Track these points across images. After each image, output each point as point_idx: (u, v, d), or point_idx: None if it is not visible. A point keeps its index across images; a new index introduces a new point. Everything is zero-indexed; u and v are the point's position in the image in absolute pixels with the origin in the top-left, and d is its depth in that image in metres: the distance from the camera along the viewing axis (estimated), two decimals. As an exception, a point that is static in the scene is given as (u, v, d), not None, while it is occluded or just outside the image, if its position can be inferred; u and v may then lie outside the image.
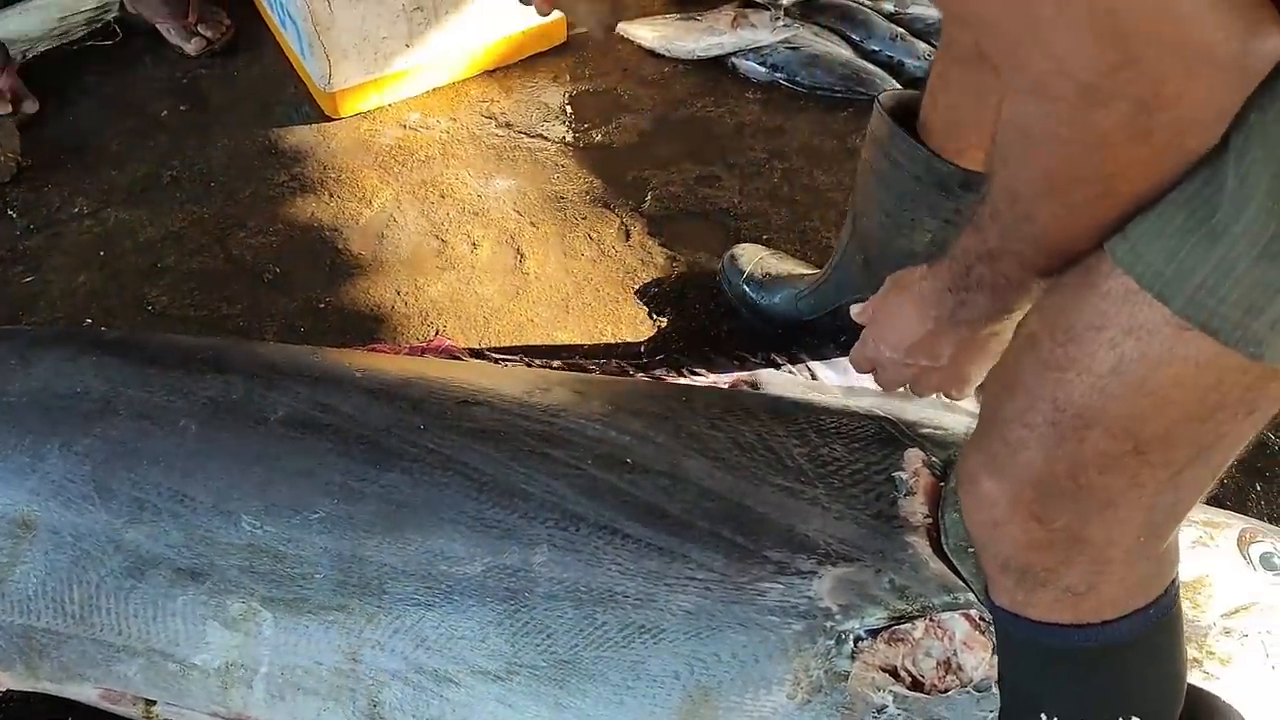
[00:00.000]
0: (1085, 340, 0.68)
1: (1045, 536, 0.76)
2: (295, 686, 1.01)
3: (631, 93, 2.06)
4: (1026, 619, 0.81)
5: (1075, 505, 0.74)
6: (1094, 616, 0.79)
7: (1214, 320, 0.62)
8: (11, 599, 1.06)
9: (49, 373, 1.19)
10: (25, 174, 1.89)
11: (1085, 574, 0.77)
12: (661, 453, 1.09)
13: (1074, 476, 0.73)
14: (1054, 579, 0.78)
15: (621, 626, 0.97)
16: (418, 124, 1.98)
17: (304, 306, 1.66)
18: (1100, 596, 0.78)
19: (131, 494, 1.07)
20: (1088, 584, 0.77)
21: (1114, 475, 0.72)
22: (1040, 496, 0.75)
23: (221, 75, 2.12)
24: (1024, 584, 0.80)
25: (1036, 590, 0.80)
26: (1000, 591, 0.84)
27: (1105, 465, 0.72)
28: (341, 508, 1.04)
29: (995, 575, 0.83)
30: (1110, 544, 0.76)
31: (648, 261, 1.72)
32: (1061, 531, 0.76)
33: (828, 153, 1.92)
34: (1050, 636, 0.81)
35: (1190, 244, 0.62)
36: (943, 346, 0.96)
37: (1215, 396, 0.67)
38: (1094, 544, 0.76)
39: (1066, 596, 0.78)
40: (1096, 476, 0.72)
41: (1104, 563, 0.76)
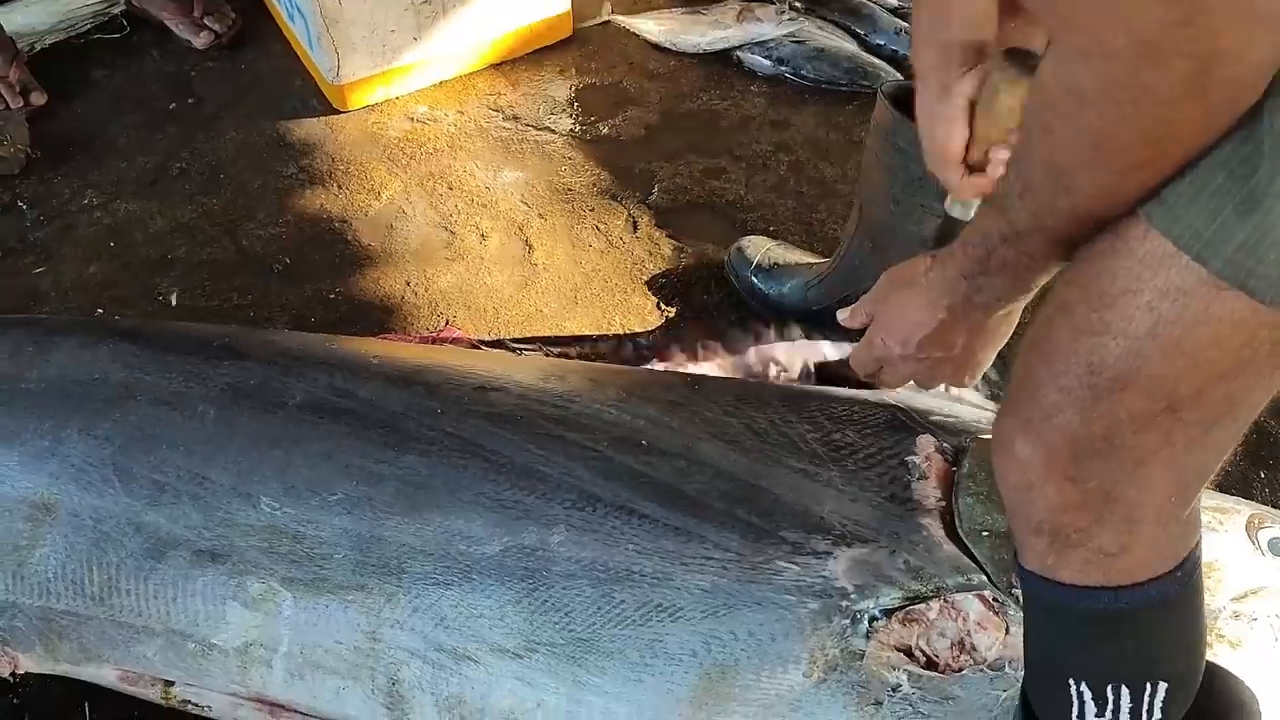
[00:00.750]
0: (1121, 304, 0.69)
1: (1079, 497, 0.77)
2: (315, 665, 1.02)
3: (638, 86, 2.07)
4: (1057, 581, 0.81)
5: (1109, 465, 0.75)
6: (1125, 578, 0.79)
7: (1252, 279, 0.64)
8: (31, 581, 1.07)
9: (67, 359, 1.20)
10: (35, 166, 1.90)
11: (1117, 534, 0.77)
12: (677, 436, 1.10)
13: (1109, 437, 0.74)
14: (1086, 540, 0.78)
15: (639, 605, 0.98)
16: (426, 117, 1.99)
17: (314, 297, 1.67)
18: (1132, 557, 0.78)
19: (151, 477, 1.08)
20: (1120, 544, 0.78)
21: (1148, 434, 0.73)
22: (1075, 457, 0.76)
23: (229, 68, 2.13)
24: (1055, 545, 0.80)
25: (1068, 552, 0.80)
26: (1031, 555, 0.83)
27: (1140, 425, 0.73)
28: (360, 489, 1.05)
29: (1026, 538, 0.83)
30: (1142, 504, 0.77)
31: (655, 253, 1.73)
32: (1095, 492, 0.76)
33: (833, 145, 1.93)
34: (1081, 599, 0.81)
35: (1231, 205, 0.63)
36: (956, 335, 0.96)
37: (1247, 353, 0.68)
38: (1126, 503, 0.76)
39: (1098, 557, 0.79)
40: (1131, 436, 0.73)
41: (1135, 522, 0.77)
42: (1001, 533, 1.03)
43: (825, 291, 1.53)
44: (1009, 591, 0.99)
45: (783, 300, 1.58)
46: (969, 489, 1.07)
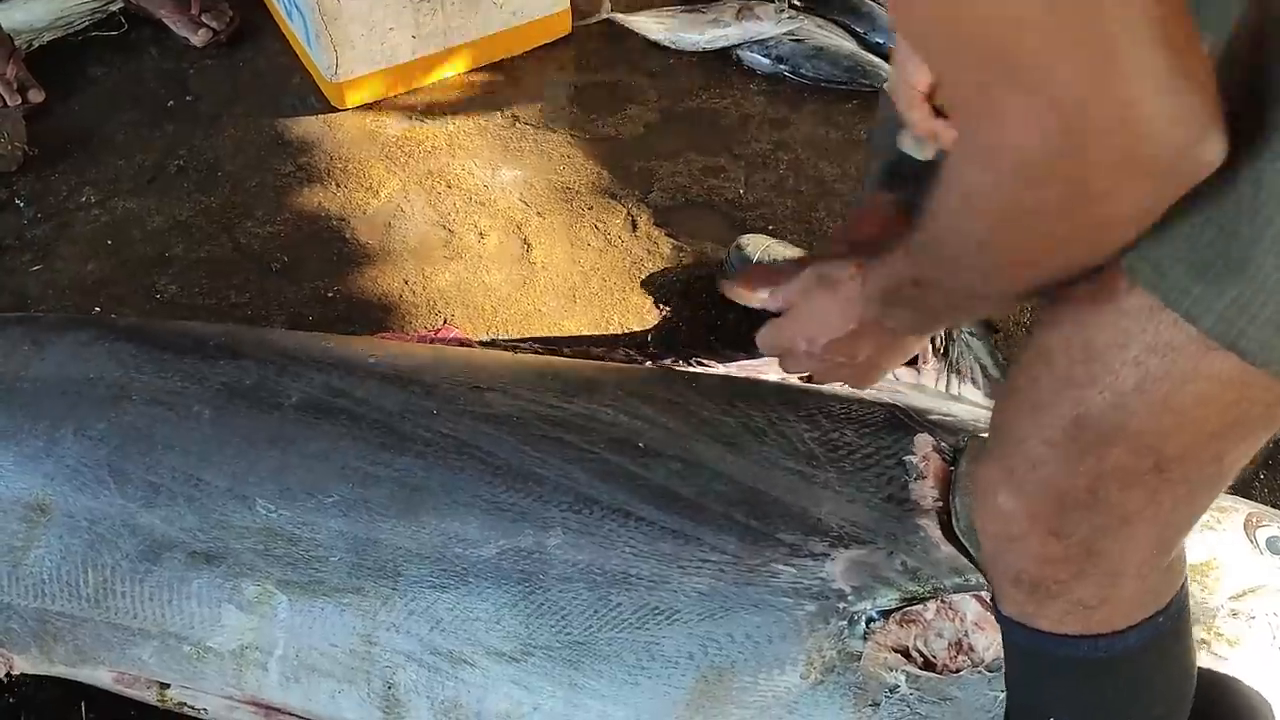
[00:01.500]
0: (1107, 358, 0.68)
1: (1061, 550, 0.76)
2: (310, 669, 1.01)
3: (637, 84, 2.06)
4: (1035, 629, 0.81)
5: (1092, 520, 0.74)
6: (1104, 628, 0.79)
7: (1242, 340, 0.61)
8: (26, 583, 1.07)
9: (63, 358, 1.19)
10: (32, 163, 1.89)
11: (1098, 587, 0.77)
12: (673, 437, 1.10)
13: (1093, 491, 0.72)
14: (1066, 592, 0.78)
15: (636, 608, 0.98)
16: (424, 114, 1.98)
17: (312, 295, 1.67)
18: (1111, 608, 0.78)
19: (146, 478, 1.08)
20: (1100, 597, 0.77)
21: (1134, 491, 0.72)
22: (1058, 512, 0.75)
23: (227, 66, 2.12)
24: (1035, 596, 0.80)
25: (1047, 602, 0.80)
26: (1009, 603, 0.83)
27: (1126, 482, 0.71)
28: (356, 491, 1.05)
29: (1005, 588, 0.83)
30: (1125, 558, 0.76)
31: (654, 251, 1.73)
32: (1078, 545, 0.75)
33: (832, 144, 1.93)
34: (1059, 647, 0.81)
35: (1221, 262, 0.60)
36: (861, 347, 0.93)
37: (1236, 413, 0.66)
38: (1108, 558, 0.75)
39: (1078, 609, 0.78)
40: (1116, 492, 0.72)
41: (1117, 576, 0.76)
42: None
43: None
44: (1007, 594, 0.99)
45: None
46: (967, 488, 1.06)
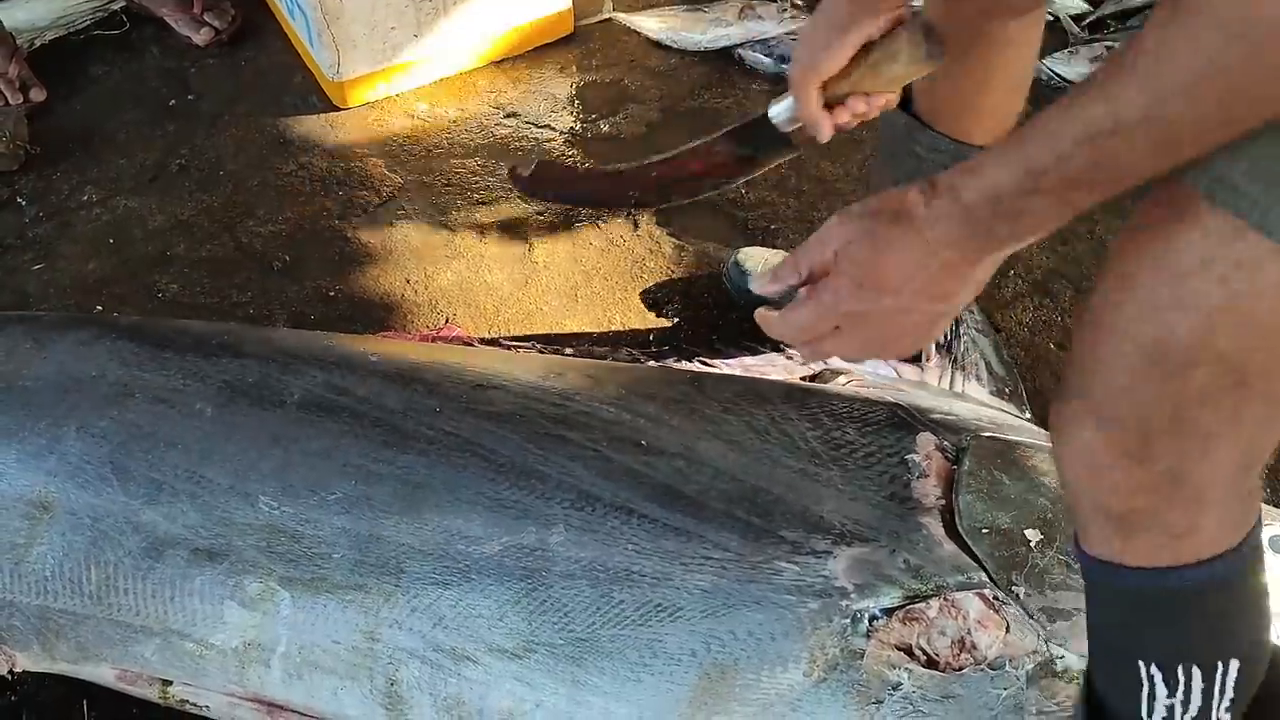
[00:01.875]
0: (1193, 278, 0.68)
1: (1147, 479, 0.75)
2: (313, 665, 1.01)
3: (638, 84, 2.06)
4: (1123, 565, 0.80)
5: (1178, 444, 0.73)
6: (1192, 557, 0.77)
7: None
8: (29, 579, 1.07)
9: (65, 356, 1.19)
10: (34, 162, 1.90)
11: (1186, 513, 0.76)
12: (676, 435, 1.10)
13: (1178, 415, 0.72)
14: (1154, 522, 0.76)
15: (638, 605, 0.97)
16: (426, 114, 1.99)
17: (314, 295, 1.67)
18: (1199, 536, 0.77)
19: (149, 475, 1.08)
20: (1188, 524, 0.76)
21: (1217, 411, 0.71)
22: (1143, 438, 0.73)
23: (229, 64, 2.13)
24: (1122, 530, 0.78)
25: (1136, 535, 0.78)
26: (1096, 541, 0.81)
27: (1209, 401, 0.71)
28: (359, 488, 1.05)
29: (1092, 524, 0.81)
30: (1210, 481, 0.75)
31: (655, 251, 1.73)
32: (1164, 472, 0.74)
33: (834, 143, 1.87)
34: (1150, 580, 0.79)
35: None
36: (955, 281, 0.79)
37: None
38: (1194, 482, 0.74)
39: (1166, 539, 0.77)
40: (1200, 413, 0.71)
41: (1202, 501, 0.75)
42: (1002, 530, 1.03)
43: None
44: (1009, 590, 0.99)
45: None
46: (970, 486, 1.07)
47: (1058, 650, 0.97)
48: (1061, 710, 0.97)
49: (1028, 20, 1.17)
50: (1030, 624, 0.97)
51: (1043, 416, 1.41)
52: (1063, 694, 0.96)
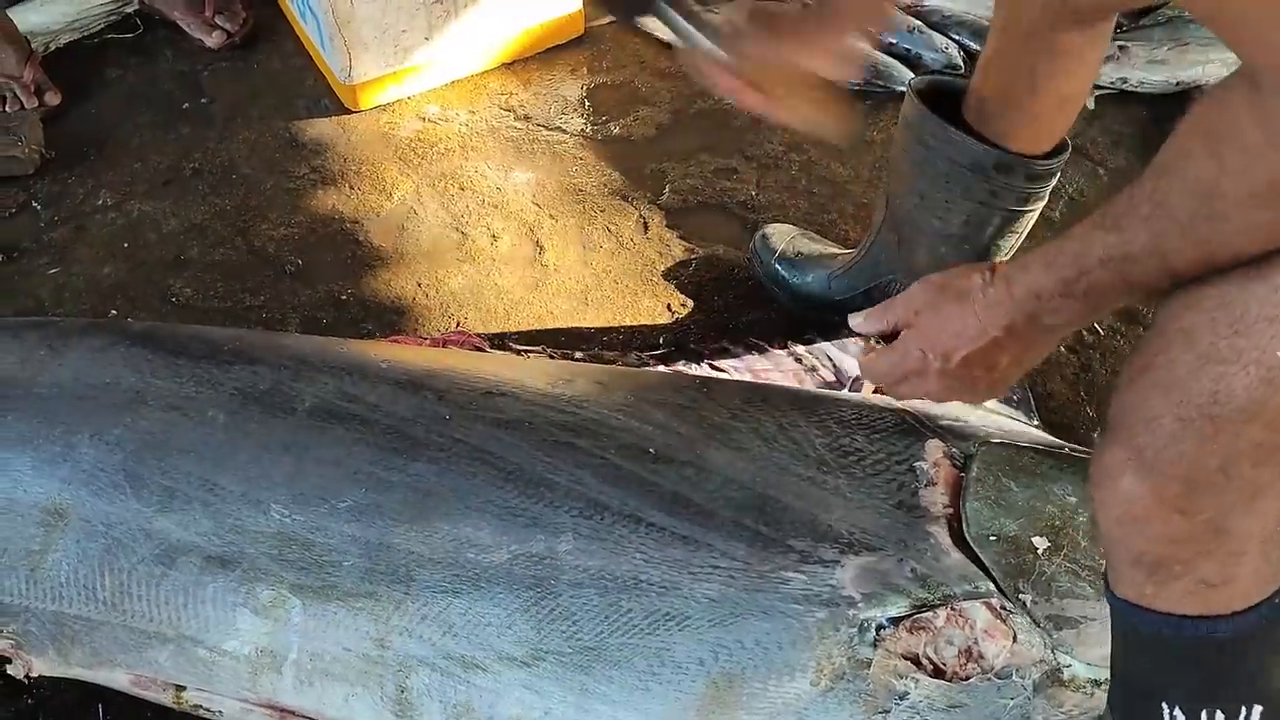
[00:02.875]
0: (1256, 332, 0.68)
1: (1187, 530, 0.75)
2: (324, 672, 1.02)
3: (649, 85, 2.06)
4: (1153, 611, 0.81)
5: (1222, 498, 0.74)
6: (1224, 608, 0.78)
7: None
8: (44, 586, 1.08)
9: (79, 363, 1.21)
10: (49, 166, 1.91)
11: (1221, 566, 0.76)
12: (684, 442, 1.10)
13: (1225, 469, 0.72)
14: (1189, 571, 0.77)
15: (646, 614, 0.98)
16: (437, 117, 1.99)
17: (326, 298, 1.68)
18: (1233, 588, 0.77)
19: (162, 483, 1.09)
20: (1223, 576, 0.77)
21: (1266, 468, 0.72)
22: (1188, 491, 0.74)
23: (242, 68, 2.14)
24: (1156, 577, 0.79)
25: (1169, 583, 0.79)
26: (1127, 585, 0.82)
27: (1260, 458, 0.71)
28: (369, 496, 1.06)
29: (1125, 569, 0.82)
30: (1249, 535, 0.75)
31: (666, 254, 1.73)
32: (1205, 524, 0.75)
33: (845, 145, 1.93)
34: (1178, 629, 0.80)
35: None
36: (1003, 355, 0.91)
37: None
38: (1235, 535, 0.75)
39: (1199, 588, 0.78)
40: (1249, 469, 0.72)
41: (1241, 553, 0.76)
42: (1009, 537, 1.03)
43: (849, 283, 1.53)
44: (1016, 597, 0.99)
45: (806, 289, 1.58)
46: (977, 493, 1.07)
47: (1064, 659, 0.97)
48: (1069, 718, 0.98)
49: (1091, 35, 1.17)
50: (1037, 632, 0.97)
51: (1052, 421, 1.42)
52: (1070, 702, 0.97)
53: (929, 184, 1.34)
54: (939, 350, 0.92)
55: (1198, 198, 0.69)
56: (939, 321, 0.93)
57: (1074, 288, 0.80)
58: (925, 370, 0.95)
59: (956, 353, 0.91)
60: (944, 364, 0.93)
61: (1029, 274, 0.84)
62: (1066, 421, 1.46)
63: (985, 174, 1.28)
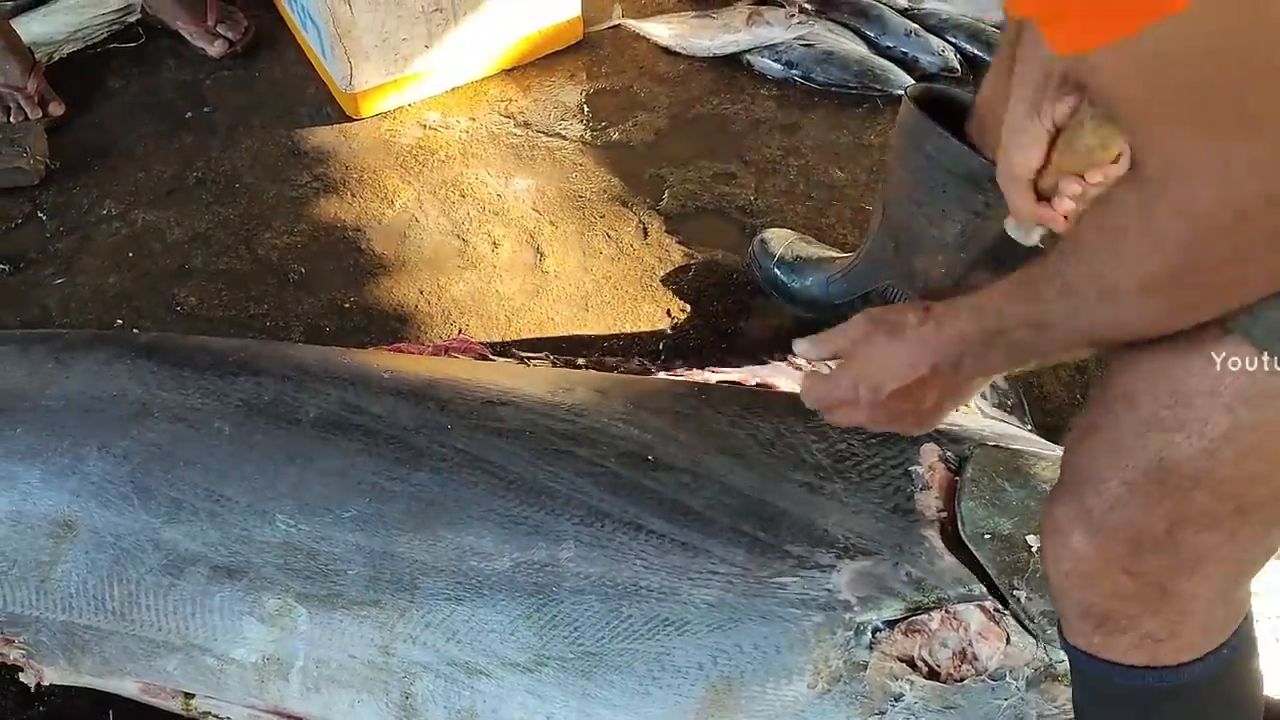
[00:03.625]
0: (1196, 404, 0.69)
1: (1133, 589, 0.77)
2: (330, 679, 1.04)
3: (648, 91, 2.08)
4: (1102, 659, 0.83)
5: (1168, 560, 0.75)
6: (1171, 659, 0.80)
7: None
8: (54, 596, 1.10)
9: (86, 376, 1.22)
10: (54, 177, 1.93)
11: (1167, 622, 0.78)
12: (683, 450, 1.12)
13: (1171, 533, 0.74)
14: (1135, 626, 0.79)
15: (646, 619, 1.00)
16: (438, 124, 2.01)
17: (329, 306, 1.69)
18: (1179, 641, 0.79)
19: (169, 494, 1.11)
20: (1169, 631, 0.79)
21: (1212, 533, 0.73)
22: (1134, 552, 0.76)
23: (244, 77, 2.15)
24: (1103, 629, 0.81)
25: (1116, 636, 0.81)
26: (1076, 635, 0.84)
27: (1205, 524, 0.73)
28: (373, 506, 1.07)
29: (1073, 621, 0.84)
30: (1195, 595, 0.77)
31: (665, 259, 1.75)
32: (1150, 584, 0.77)
33: (843, 149, 1.94)
34: (1126, 678, 0.82)
35: None
36: (930, 392, 0.93)
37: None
38: (1180, 595, 0.77)
39: (1146, 642, 0.80)
40: (1194, 535, 0.73)
41: (1187, 612, 0.78)
42: (1004, 535, 1.05)
43: (847, 287, 1.54)
44: (1010, 594, 1.01)
45: (804, 293, 1.59)
46: (972, 494, 1.08)
47: (1057, 654, 0.99)
48: (1062, 713, 0.99)
49: None
50: (1030, 632, 0.99)
51: (1047, 424, 1.43)
52: (1063, 697, 0.98)
53: (925, 193, 1.34)
54: (869, 383, 0.93)
55: (1095, 284, 0.71)
56: (871, 355, 0.94)
57: (996, 340, 0.82)
58: (855, 401, 0.95)
59: (885, 387, 0.92)
60: (873, 396, 0.93)
61: (958, 320, 0.86)
62: (1061, 424, 1.47)
63: (980, 185, 1.29)
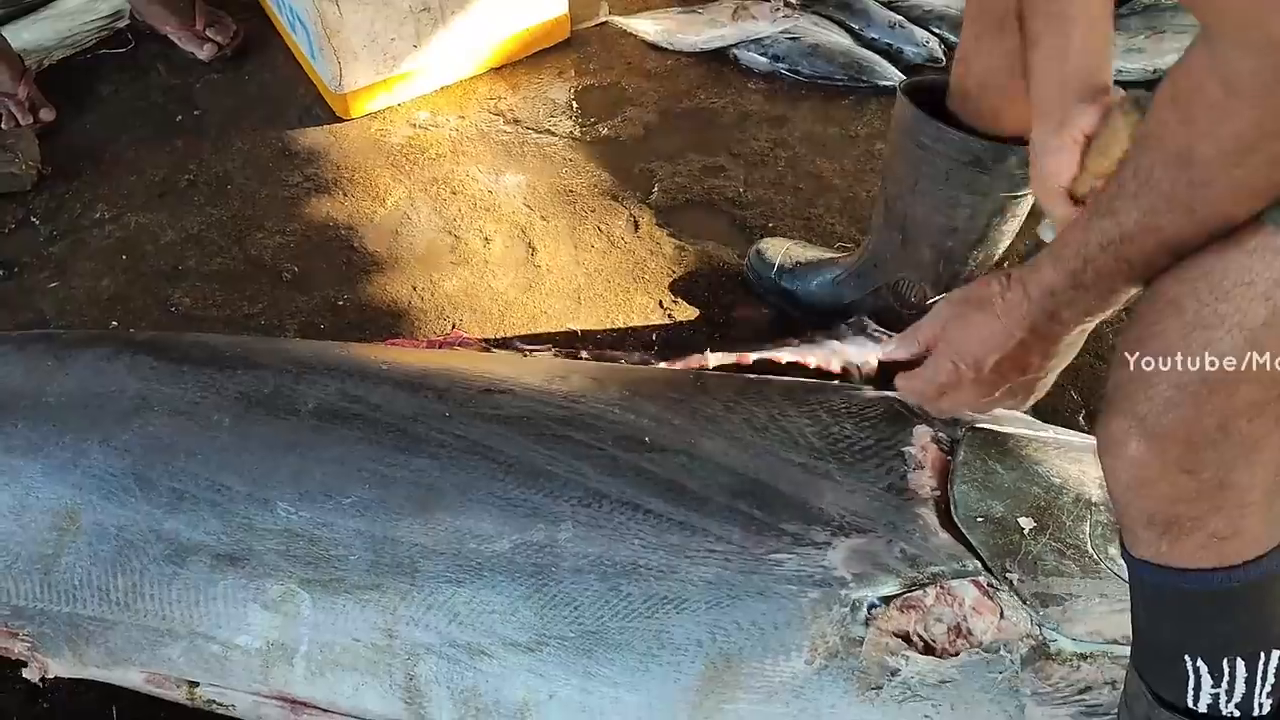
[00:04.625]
0: (1235, 296, 0.72)
1: (1194, 488, 0.79)
2: (334, 663, 1.05)
3: (636, 86, 2.10)
4: (1170, 567, 0.83)
5: (1223, 454, 0.77)
6: (1237, 558, 0.81)
7: None
8: (58, 589, 1.11)
9: (85, 373, 1.23)
10: (46, 182, 1.94)
11: (1230, 518, 0.79)
12: (679, 433, 1.14)
13: (1224, 427, 0.75)
14: (1200, 527, 0.80)
15: (645, 598, 1.01)
16: (427, 122, 2.02)
17: (323, 304, 1.71)
18: (1243, 538, 0.80)
19: (170, 485, 1.12)
20: (1233, 528, 0.80)
21: (1262, 421, 0.75)
22: (1190, 450, 0.77)
23: (233, 79, 2.16)
24: (1168, 535, 0.82)
25: (1181, 540, 0.82)
26: (1142, 545, 0.85)
27: (1255, 413, 0.75)
28: (373, 492, 1.08)
29: (1138, 530, 0.85)
30: (1254, 486, 0.78)
31: (656, 251, 1.76)
32: (1210, 481, 0.78)
33: (830, 140, 1.96)
34: (1194, 582, 0.83)
35: None
36: (1034, 356, 0.95)
37: None
38: (1239, 488, 0.78)
39: (1212, 542, 0.81)
40: (1245, 424, 0.75)
41: (1247, 505, 0.79)
42: (996, 518, 1.07)
43: (856, 285, 1.55)
44: (1003, 576, 1.02)
45: (811, 297, 1.60)
46: (965, 476, 1.10)
47: (1051, 634, 1.00)
48: (1055, 691, 1.01)
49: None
50: (1024, 609, 1.01)
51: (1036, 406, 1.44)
52: (1056, 675, 1.00)
53: (929, 183, 1.36)
54: (970, 360, 0.96)
55: (1176, 165, 0.72)
56: (965, 332, 0.96)
57: (1081, 278, 0.84)
58: (960, 382, 0.98)
59: (987, 359, 0.95)
60: (977, 373, 0.96)
61: (1040, 272, 0.88)
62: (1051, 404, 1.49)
63: (985, 167, 1.31)
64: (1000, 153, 1.30)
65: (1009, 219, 1.40)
